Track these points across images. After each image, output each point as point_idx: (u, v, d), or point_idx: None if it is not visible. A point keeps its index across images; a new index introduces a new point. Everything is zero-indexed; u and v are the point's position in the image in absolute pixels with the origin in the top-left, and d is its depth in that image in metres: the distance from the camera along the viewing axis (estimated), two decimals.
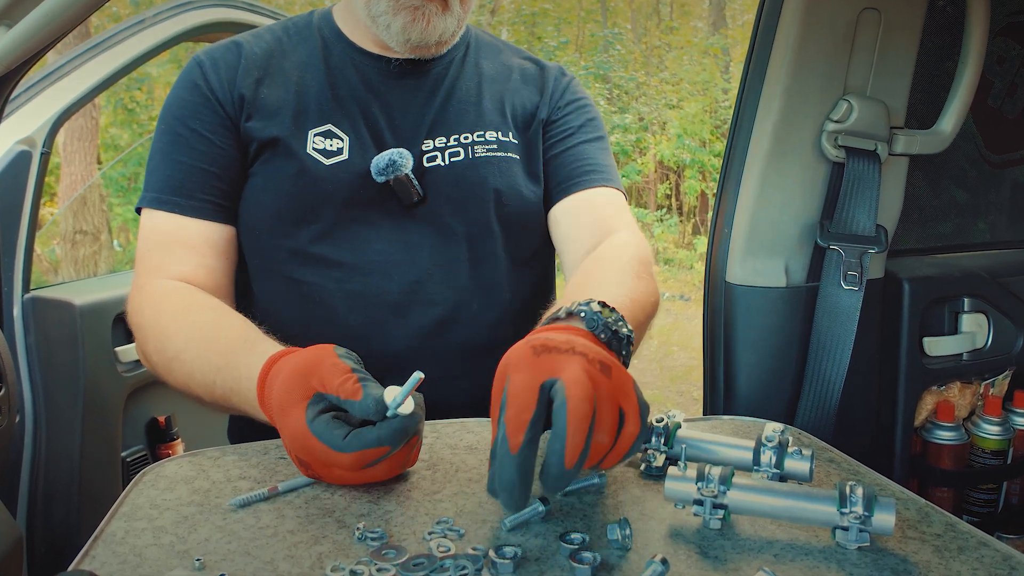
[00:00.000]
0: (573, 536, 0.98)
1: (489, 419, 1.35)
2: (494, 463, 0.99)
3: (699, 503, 1.04)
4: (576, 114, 1.79)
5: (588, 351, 1.04)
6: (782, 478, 1.14)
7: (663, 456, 1.20)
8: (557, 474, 0.96)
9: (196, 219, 1.59)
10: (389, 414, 1.09)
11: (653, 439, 1.20)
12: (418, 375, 1.09)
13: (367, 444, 1.07)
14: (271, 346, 1.31)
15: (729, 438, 1.21)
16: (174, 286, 1.53)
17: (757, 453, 1.15)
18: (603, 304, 1.20)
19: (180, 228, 1.59)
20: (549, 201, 1.76)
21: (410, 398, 1.10)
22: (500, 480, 0.98)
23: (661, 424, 1.21)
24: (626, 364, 1.19)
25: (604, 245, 1.64)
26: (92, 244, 9.82)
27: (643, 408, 1.05)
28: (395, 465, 1.14)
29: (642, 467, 1.20)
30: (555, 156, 1.76)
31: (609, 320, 1.17)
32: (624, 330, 1.18)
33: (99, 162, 10.76)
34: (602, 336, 1.15)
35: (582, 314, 1.17)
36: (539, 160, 1.74)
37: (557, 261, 1.83)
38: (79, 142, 9.51)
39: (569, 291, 1.45)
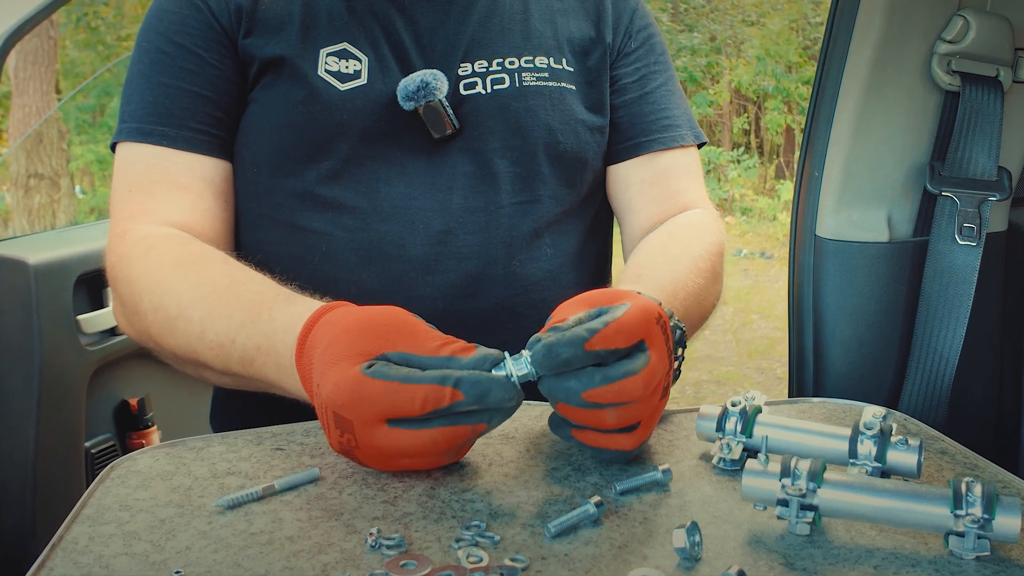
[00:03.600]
0: None
1: (527, 403, 1.36)
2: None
3: (783, 504, 1.03)
4: (646, 48, 1.81)
5: (671, 365, 1.21)
6: (884, 473, 1.14)
7: (740, 447, 1.20)
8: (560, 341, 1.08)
9: (187, 152, 1.58)
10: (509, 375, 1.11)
11: (728, 426, 1.20)
12: None
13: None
14: (316, 301, 1.30)
15: (820, 425, 1.21)
16: (170, 232, 1.53)
17: (854, 443, 1.15)
18: (684, 339, 1.33)
19: (168, 163, 1.58)
20: (612, 154, 1.78)
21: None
22: (561, 334, 1.09)
23: (738, 408, 1.21)
24: None
25: (679, 224, 1.71)
26: (49, 190, 9.91)
27: (640, 447, 1.21)
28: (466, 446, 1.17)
29: (715, 460, 1.20)
30: (624, 104, 1.77)
31: (681, 357, 1.33)
32: (674, 375, 1.30)
33: (58, 92, 10.85)
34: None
35: (676, 333, 1.29)
36: (604, 91, 1.75)
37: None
38: (33, 67, 9.59)
39: (631, 272, 1.58)
